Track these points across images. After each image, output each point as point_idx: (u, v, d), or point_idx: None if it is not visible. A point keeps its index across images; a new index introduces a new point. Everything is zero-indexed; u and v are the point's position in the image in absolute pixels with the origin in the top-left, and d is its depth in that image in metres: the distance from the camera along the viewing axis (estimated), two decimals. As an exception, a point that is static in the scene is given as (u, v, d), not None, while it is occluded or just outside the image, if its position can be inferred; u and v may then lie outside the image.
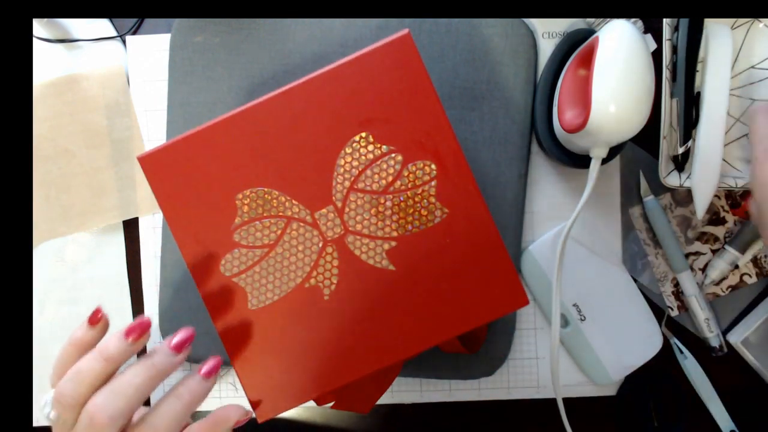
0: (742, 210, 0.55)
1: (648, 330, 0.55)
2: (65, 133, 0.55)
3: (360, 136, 0.41)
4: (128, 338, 0.35)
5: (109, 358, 0.34)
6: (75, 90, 0.55)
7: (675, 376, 0.56)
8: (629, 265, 0.56)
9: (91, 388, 0.34)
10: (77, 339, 0.36)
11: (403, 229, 0.42)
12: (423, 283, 0.42)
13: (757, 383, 0.56)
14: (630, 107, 0.44)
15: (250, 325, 0.42)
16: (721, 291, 0.56)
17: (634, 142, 0.55)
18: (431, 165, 0.41)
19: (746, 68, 0.53)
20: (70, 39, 0.55)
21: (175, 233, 0.41)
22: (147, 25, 0.56)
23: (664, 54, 0.50)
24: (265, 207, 0.41)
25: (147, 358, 0.35)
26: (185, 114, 0.54)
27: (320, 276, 0.42)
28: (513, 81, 0.53)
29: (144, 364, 0.35)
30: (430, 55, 0.53)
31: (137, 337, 0.35)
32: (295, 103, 0.41)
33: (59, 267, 0.56)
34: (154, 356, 0.35)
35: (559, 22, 0.55)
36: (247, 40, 0.53)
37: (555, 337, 0.51)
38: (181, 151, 0.41)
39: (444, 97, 0.53)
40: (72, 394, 0.34)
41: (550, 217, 0.55)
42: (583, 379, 0.56)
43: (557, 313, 0.51)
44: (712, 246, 0.56)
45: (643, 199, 0.55)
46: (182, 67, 0.53)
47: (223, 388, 0.55)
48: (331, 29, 0.53)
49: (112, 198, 0.55)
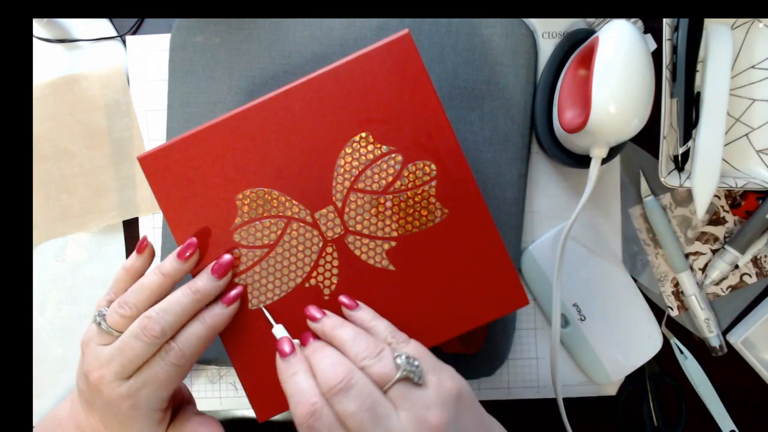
0: (742, 210, 0.55)
1: (648, 330, 0.55)
2: (65, 133, 0.55)
3: (360, 136, 0.41)
4: (180, 259, 0.40)
5: (167, 274, 0.40)
6: (75, 90, 0.55)
7: (675, 376, 0.56)
8: (629, 265, 0.56)
9: (149, 301, 0.39)
10: (128, 266, 0.42)
11: (403, 229, 0.42)
12: (423, 283, 0.42)
13: (757, 383, 0.56)
14: (630, 107, 0.44)
15: (250, 325, 0.42)
16: (721, 291, 0.56)
17: (634, 142, 0.55)
18: (431, 165, 0.41)
19: (746, 68, 0.53)
20: (70, 39, 0.55)
21: (175, 233, 0.41)
22: (147, 25, 0.56)
23: (664, 54, 0.50)
24: (265, 207, 0.41)
25: (192, 282, 0.40)
26: (185, 114, 0.54)
27: (320, 276, 0.42)
28: (513, 81, 0.53)
29: (189, 287, 0.40)
30: (430, 55, 0.53)
31: (189, 256, 0.40)
32: (295, 103, 0.41)
33: (59, 267, 0.56)
34: (197, 281, 0.40)
35: (559, 22, 0.55)
36: (247, 40, 0.53)
37: (555, 337, 0.51)
38: (181, 151, 0.41)
39: (444, 97, 0.53)
40: (135, 302, 0.39)
41: (550, 217, 0.55)
42: (583, 379, 0.56)
43: (557, 313, 0.51)
44: (713, 246, 0.56)
45: (643, 199, 0.55)
46: (182, 67, 0.53)
47: (223, 388, 0.55)
48: (331, 29, 0.53)
49: (112, 198, 0.55)
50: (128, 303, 0.39)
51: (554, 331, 0.51)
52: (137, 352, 0.38)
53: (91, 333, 0.40)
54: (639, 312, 0.55)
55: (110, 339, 0.39)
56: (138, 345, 0.38)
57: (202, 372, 0.55)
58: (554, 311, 0.51)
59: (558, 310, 0.51)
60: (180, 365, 0.39)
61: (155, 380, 0.39)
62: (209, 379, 0.55)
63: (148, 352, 0.38)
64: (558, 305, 0.50)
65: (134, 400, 0.39)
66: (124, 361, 0.38)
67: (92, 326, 0.41)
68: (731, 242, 0.55)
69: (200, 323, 0.40)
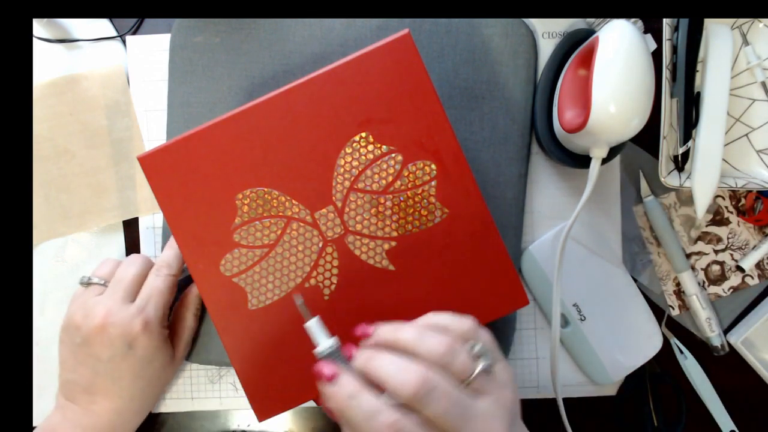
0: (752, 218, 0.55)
1: (648, 330, 0.55)
2: (65, 133, 0.55)
3: (360, 136, 0.41)
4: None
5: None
6: (75, 90, 0.55)
7: (675, 376, 0.56)
8: (629, 265, 0.56)
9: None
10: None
11: (403, 229, 0.42)
12: (423, 283, 0.42)
13: (757, 383, 0.56)
14: (630, 107, 0.44)
15: (250, 325, 0.42)
16: (723, 292, 0.56)
17: (634, 142, 0.55)
18: (431, 165, 0.41)
19: (746, 68, 0.53)
20: (70, 39, 0.55)
21: (175, 233, 0.41)
22: (147, 25, 0.56)
23: (664, 54, 0.50)
24: (265, 207, 0.41)
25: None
26: (185, 114, 0.54)
27: (320, 276, 0.42)
28: (513, 81, 0.53)
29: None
30: (430, 55, 0.53)
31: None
32: (295, 103, 0.41)
33: (59, 267, 0.56)
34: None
35: (559, 22, 0.55)
36: (247, 40, 0.53)
37: (555, 337, 0.51)
38: (181, 151, 0.41)
39: (444, 97, 0.53)
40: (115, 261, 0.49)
41: (550, 217, 0.55)
42: (583, 379, 0.56)
43: (557, 313, 0.51)
44: (715, 246, 0.56)
45: (644, 199, 0.55)
46: (182, 67, 0.53)
47: (223, 388, 0.55)
48: (331, 29, 0.53)
49: (112, 198, 0.55)
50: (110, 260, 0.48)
51: (554, 331, 0.51)
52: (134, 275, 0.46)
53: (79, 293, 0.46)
54: (639, 312, 0.55)
55: (101, 289, 0.46)
56: (132, 269, 0.46)
57: (202, 372, 0.55)
58: (554, 311, 0.50)
59: (558, 310, 0.51)
60: (171, 274, 0.47)
61: (157, 292, 0.46)
62: (209, 379, 0.55)
63: (142, 272, 0.47)
64: (558, 305, 0.50)
65: (145, 316, 0.44)
66: (125, 286, 0.45)
67: (78, 290, 0.47)
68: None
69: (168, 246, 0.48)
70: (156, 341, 0.46)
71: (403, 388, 0.32)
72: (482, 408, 0.34)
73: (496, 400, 0.35)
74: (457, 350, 0.34)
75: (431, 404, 0.32)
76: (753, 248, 0.55)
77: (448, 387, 0.33)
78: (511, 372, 0.37)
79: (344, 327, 0.42)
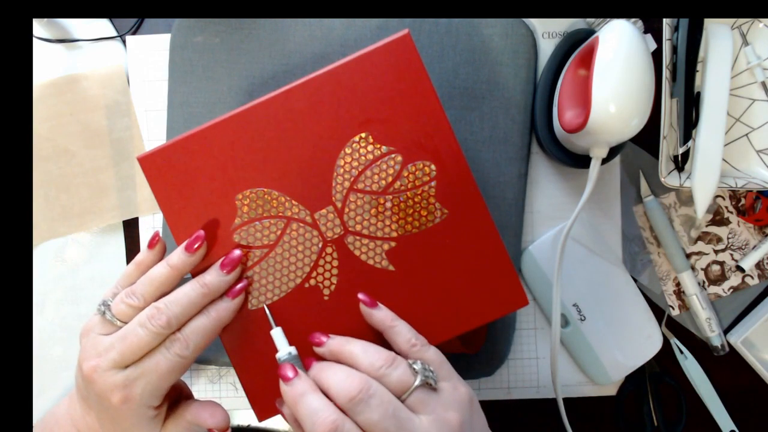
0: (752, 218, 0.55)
1: (648, 330, 0.55)
2: (65, 133, 0.55)
3: (360, 136, 0.41)
4: (188, 252, 0.40)
5: (174, 266, 0.40)
6: (75, 90, 0.55)
7: (675, 376, 0.56)
8: (629, 265, 0.56)
9: (157, 293, 0.39)
10: (139, 260, 0.41)
11: (403, 230, 0.42)
12: (423, 284, 0.42)
13: (757, 383, 0.56)
14: (630, 107, 0.44)
15: (250, 325, 0.42)
16: (723, 292, 0.56)
17: (634, 142, 0.55)
18: (431, 165, 0.41)
19: (746, 68, 0.53)
20: (70, 39, 0.55)
21: (175, 233, 0.41)
22: (147, 25, 0.56)
23: (664, 54, 0.50)
24: (265, 207, 0.41)
25: (201, 277, 0.40)
26: (185, 114, 0.54)
27: (320, 276, 0.42)
28: (513, 81, 0.53)
29: (198, 281, 0.40)
30: (430, 55, 0.53)
31: (197, 248, 0.40)
32: (295, 103, 0.41)
33: (59, 267, 0.56)
34: (207, 276, 0.40)
35: (559, 22, 0.55)
36: (247, 40, 0.53)
37: (555, 337, 0.51)
38: (181, 151, 0.41)
39: (444, 97, 0.53)
40: (143, 293, 0.39)
41: (550, 217, 0.55)
42: (583, 379, 0.56)
43: (557, 313, 0.51)
44: (715, 246, 0.56)
45: (644, 199, 0.55)
46: (182, 67, 0.53)
47: (224, 388, 0.55)
48: (331, 29, 0.53)
49: (112, 198, 0.55)
50: (136, 293, 0.39)
51: (554, 331, 0.51)
52: (141, 341, 0.38)
53: (93, 323, 0.40)
54: (639, 312, 0.55)
55: (113, 329, 0.39)
56: (143, 333, 0.38)
57: (202, 372, 0.55)
58: (554, 311, 0.51)
59: (558, 310, 0.51)
60: (183, 357, 0.39)
61: (156, 370, 0.38)
62: (209, 379, 0.55)
63: (151, 342, 0.38)
64: (558, 305, 0.50)
65: (128, 392, 0.38)
66: (124, 349, 0.38)
67: (95, 317, 0.40)
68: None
69: (206, 317, 0.39)
70: (135, 418, 0.39)
71: (343, 393, 0.35)
72: (420, 425, 0.35)
73: (436, 420, 0.36)
74: (398, 365, 0.37)
75: (366, 410, 0.34)
76: (753, 248, 0.55)
77: (386, 396, 0.35)
78: (464, 394, 0.38)
79: (344, 327, 0.42)
